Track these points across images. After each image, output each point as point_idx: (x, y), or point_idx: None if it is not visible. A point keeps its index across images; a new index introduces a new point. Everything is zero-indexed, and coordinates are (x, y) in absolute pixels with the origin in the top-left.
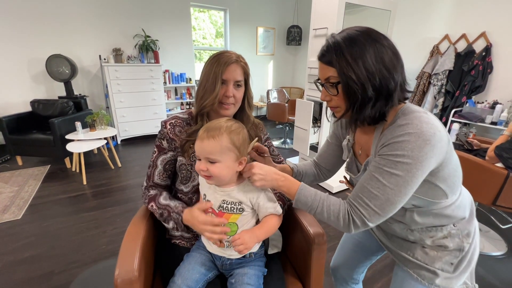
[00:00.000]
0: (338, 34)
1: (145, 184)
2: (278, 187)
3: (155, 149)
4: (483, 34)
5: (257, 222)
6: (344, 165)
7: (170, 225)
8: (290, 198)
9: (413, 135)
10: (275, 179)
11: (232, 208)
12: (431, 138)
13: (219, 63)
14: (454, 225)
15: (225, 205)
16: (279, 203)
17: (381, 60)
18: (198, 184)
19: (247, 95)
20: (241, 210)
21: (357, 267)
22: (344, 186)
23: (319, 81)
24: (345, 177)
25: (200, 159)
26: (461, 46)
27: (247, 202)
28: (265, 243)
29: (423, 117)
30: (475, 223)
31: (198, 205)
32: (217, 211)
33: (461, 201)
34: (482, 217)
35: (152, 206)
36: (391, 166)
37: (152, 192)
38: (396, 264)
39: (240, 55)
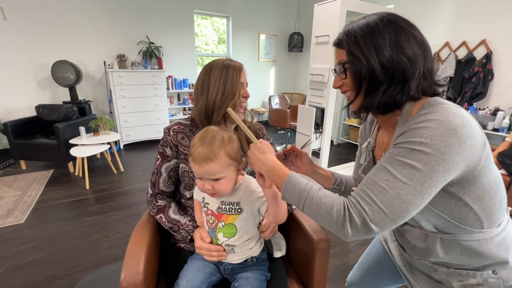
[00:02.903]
0: (357, 20)
1: (150, 191)
2: (266, 174)
3: (158, 156)
4: (483, 42)
5: (258, 226)
6: (361, 168)
7: (179, 237)
8: (278, 185)
9: (435, 121)
10: (262, 162)
11: (231, 209)
12: (457, 128)
13: (235, 68)
14: (494, 272)
15: (223, 206)
16: None
17: (398, 46)
18: None
19: None
20: (239, 210)
21: (379, 284)
22: None
23: (333, 68)
24: (357, 183)
25: (200, 178)
26: (462, 53)
27: (244, 203)
28: (268, 247)
29: (452, 107)
30: None
31: (201, 230)
32: (216, 213)
33: (506, 236)
34: None
35: (161, 218)
36: (404, 155)
37: (161, 202)
38: None
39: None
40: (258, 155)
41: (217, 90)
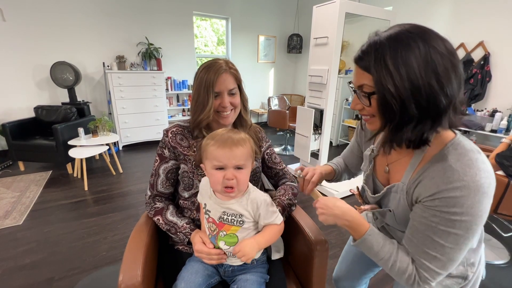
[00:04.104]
0: (383, 32)
1: (149, 193)
2: (343, 225)
3: (157, 158)
4: (481, 44)
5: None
6: (364, 176)
7: (177, 239)
8: (353, 237)
9: (472, 189)
10: (338, 217)
11: (233, 220)
12: (488, 190)
13: (209, 75)
14: None
15: (225, 217)
16: (278, 208)
17: (433, 70)
18: (198, 192)
19: (242, 99)
20: (241, 222)
21: (359, 278)
22: (348, 192)
23: (351, 85)
24: (357, 188)
25: (221, 168)
26: (460, 55)
27: (248, 215)
28: (267, 249)
29: (479, 160)
30: (482, 252)
31: (202, 235)
32: (217, 222)
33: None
34: (484, 225)
35: (158, 220)
36: (448, 225)
37: (159, 204)
38: (394, 282)
39: (229, 61)
40: (333, 207)
41: (195, 100)
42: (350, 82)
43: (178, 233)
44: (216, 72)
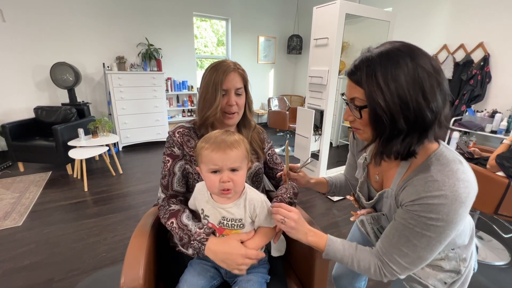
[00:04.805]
0: (375, 48)
1: (162, 195)
2: (306, 241)
3: (168, 158)
4: (481, 45)
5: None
6: (358, 185)
7: (190, 251)
8: (319, 249)
9: (450, 198)
10: (305, 233)
11: (233, 225)
12: (465, 200)
13: (218, 73)
14: (452, 249)
15: (225, 222)
16: None
17: (420, 87)
18: None
19: (247, 100)
20: (241, 226)
21: (358, 275)
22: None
23: (345, 97)
24: (353, 194)
25: (216, 171)
26: (460, 56)
27: (246, 218)
28: (268, 247)
29: (459, 171)
30: (473, 248)
31: (234, 236)
32: (217, 227)
33: (463, 229)
34: (484, 226)
35: (172, 223)
36: (423, 228)
37: (174, 206)
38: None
39: (237, 63)
40: (300, 226)
41: (203, 97)
42: (343, 94)
43: (192, 242)
44: (224, 71)
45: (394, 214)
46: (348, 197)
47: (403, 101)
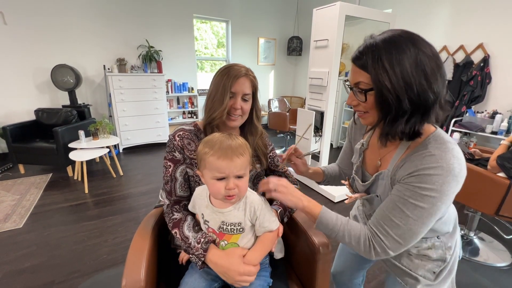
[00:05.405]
0: (378, 36)
1: (167, 201)
2: (302, 207)
3: (170, 163)
4: (480, 46)
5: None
6: (354, 169)
7: (193, 260)
8: (311, 220)
9: (445, 169)
10: (299, 197)
11: (233, 230)
12: (458, 174)
13: (229, 76)
14: (438, 238)
15: (225, 227)
16: (279, 208)
17: (422, 70)
18: None
19: (255, 107)
20: (241, 230)
21: (357, 270)
22: (344, 196)
23: (348, 83)
24: (347, 178)
25: (221, 179)
26: (459, 57)
27: (246, 221)
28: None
29: (454, 150)
30: (457, 236)
31: (236, 251)
32: (217, 232)
33: (447, 217)
34: (485, 227)
35: (176, 233)
36: (416, 199)
37: (176, 215)
38: (386, 271)
39: (250, 69)
40: (291, 190)
41: (212, 97)
42: (346, 81)
43: (191, 256)
44: (236, 75)
45: (388, 194)
46: (343, 181)
47: (408, 83)
